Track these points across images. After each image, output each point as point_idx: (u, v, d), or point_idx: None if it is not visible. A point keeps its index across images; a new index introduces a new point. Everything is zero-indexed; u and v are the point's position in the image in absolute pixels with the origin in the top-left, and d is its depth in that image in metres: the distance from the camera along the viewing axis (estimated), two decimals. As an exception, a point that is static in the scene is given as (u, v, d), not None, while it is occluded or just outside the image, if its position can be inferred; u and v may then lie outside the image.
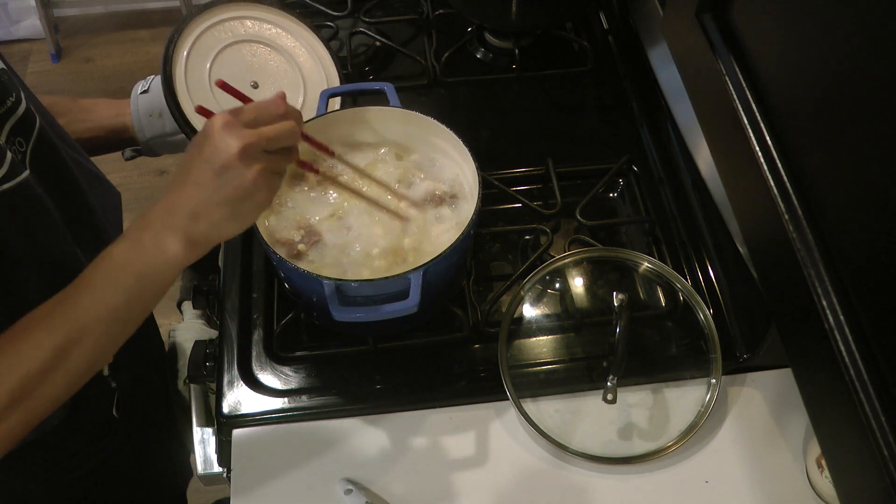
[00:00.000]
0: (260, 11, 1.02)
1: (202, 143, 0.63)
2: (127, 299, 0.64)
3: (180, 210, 0.63)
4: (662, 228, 0.98)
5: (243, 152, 0.62)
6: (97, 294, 0.63)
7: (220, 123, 0.62)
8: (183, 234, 0.63)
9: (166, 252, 0.63)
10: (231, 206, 0.63)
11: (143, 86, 0.98)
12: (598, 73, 1.18)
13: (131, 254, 0.64)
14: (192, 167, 0.63)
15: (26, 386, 0.62)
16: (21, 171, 0.68)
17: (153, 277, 0.64)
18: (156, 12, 2.75)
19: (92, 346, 0.64)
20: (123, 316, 0.65)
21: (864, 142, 0.47)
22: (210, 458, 0.90)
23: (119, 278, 0.64)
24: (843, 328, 0.49)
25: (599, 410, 0.82)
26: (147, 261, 0.63)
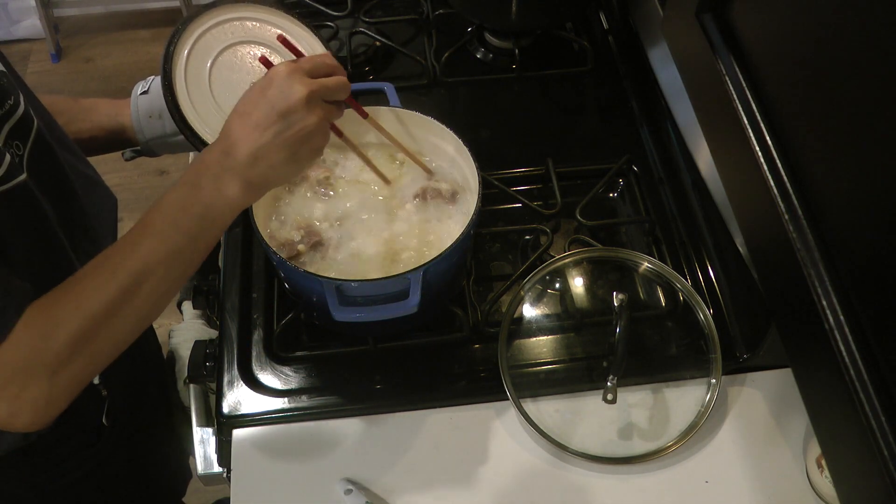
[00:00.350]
0: (260, 12, 1.02)
1: (266, 87, 0.66)
2: (188, 240, 0.66)
3: (240, 152, 0.65)
4: (662, 228, 0.98)
5: (309, 97, 0.65)
6: (158, 236, 0.65)
7: (287, 70, 0.66)
8: (242, 175, 0.66)
9: (226, 194, 0.66)
10: (290, 150, 0.66)
11: (142, 86, 0.98)
12: (598, 73, 1.18)
13: (191, 196, 0.66)
14: (253, 110, 0.66)
15: (90, 329, 0.63)
16: (19, 173, 0.68)
17: (213, 218, 0.67)
18: (156, 12, 2.75)
19: (154, 287, 0.65)
20: (184, 257, 0.67)
21: (864, 142, 0.47)
22: (210, 458, 0.90)
23: (179, 220, 0.65)
24: (843, 328, 0.49)
25: (599, 410, 0.82)
26: (207, 202, 0.66)
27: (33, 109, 0.76)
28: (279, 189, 0.88)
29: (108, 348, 0.66)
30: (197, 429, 0.93)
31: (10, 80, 0.73)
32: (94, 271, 0.65)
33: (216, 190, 0.66)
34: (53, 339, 0.62)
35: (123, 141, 0.99)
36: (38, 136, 0.74)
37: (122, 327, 0.66)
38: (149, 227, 0.66)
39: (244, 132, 0.65)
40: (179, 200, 0.66)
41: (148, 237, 0.65)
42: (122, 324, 0.65)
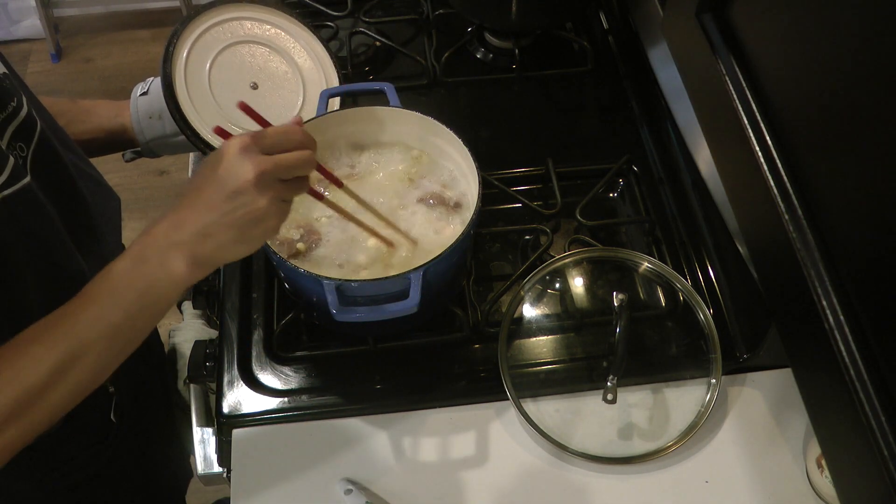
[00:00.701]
0: (259, 12, 1.02)
1: (216, 163, 0.63)
2: (129, 316, 0.63)
3: (187, 228, 0.63)
4: (662, 228, 0.98)
5: (258, 179, 0.62)
6: (98, 311, 0.62)
7: (238, 147, 0.62)
8: (188, 252, 0.63)
9: (170, 270, 0.63)
10: (240, 230, 0.63)
11: (142, 87, 0.98)
12: (598, 73, 1.18)
13: (134, 270, 0.63)
14: (204, 186, 0.63)
15: (25, 401, 0.61)
16: (23, 176, 0.68)
17: (156, 295, 0.64)
18: (156, 12, 2.75)
19: (93, 363, 0.63)
20: (125, 333, 0.65)
21: (864, 142, 0.47)
22: (210, 458, 0.90)
23: (121, 295, 0.63)
24: (843, 328, 0.49)
25: (599, 410, 0.82)
26: (150, 278, 0.63)
27: (36, 111, 0.75)
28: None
29: (44, 418, 0.64)
30: (197, 429, 0.93)
31: (13, 82, 0.73)
32: (34, 340, 0.62)
33: (160, 265, 0.63)
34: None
35: (124, 142, 0.99)
36: (42, 138, 0.74)
37: (58, 399, 0.63)
38: (90, 300, 0.63)
39: (193, 208, 0.63)
40: (124, 274, 0.63)
41: (88, 310, 0.63)
42: (58, 396, 0.63)
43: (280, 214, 0.65)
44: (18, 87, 0.74)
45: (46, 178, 0.73)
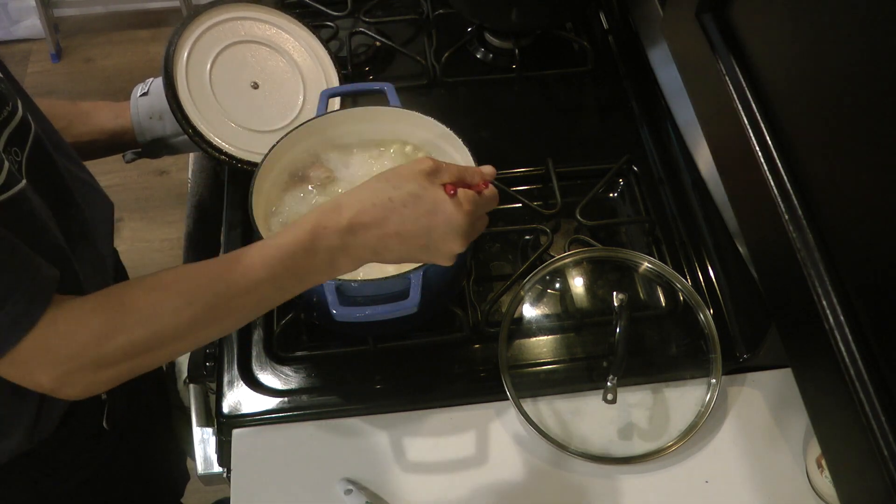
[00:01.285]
0: (259, 12, 1.02)
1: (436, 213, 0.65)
2: (280, 291, 0.66)
3: (368, 240, 0.64)
4: (662, 228, 0.98)
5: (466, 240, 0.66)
6: (252, 282, 0.64)
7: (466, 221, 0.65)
8: (357, 257, 0.66)
9: (336, 268, 0.66)
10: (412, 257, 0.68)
11: (142, 88, 0.98)
12: (598, 73, 1.18)
13: (299, 257, 0.64)
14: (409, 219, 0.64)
15: (150, 344, 0.62)
16: (18, 180, 0.68)
17: (313, 280, 0.67)
18: (156, 12, 2.75)
19: (230, 323, 0.67)
20: (271, 302, 0.68)
21: (864, 141, 0.47)
22: (210, 458, 0.90)
23: (280, 276, 0.64)
24: (843, 328, 0.49)
25: (599, 410, 0.82)
26: (313, 269, 0.65)
27: (31, 114, 0.75)
28: (279, 189, 0.88)
29: (159, 360, 0.66)
30: (197, 429, 0.93)
31: (8, 86, 0.73)
32: (177, 288, 0.64)
33: (328, 262, 0.65)
34: (111, 342, 0.61)
35: (124, 143, 0.99)
36: (36, 142, 0.74)
37: (179, 348, 0.66)
38: (244, 267, 0.64)
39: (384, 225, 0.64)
40: (287, 256, 0.64)
41: (240, 276, 0.64)
42: (180, 345, 0.65)
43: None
44: (14, 90, 0.74)
45: (41, 182, 0.73)
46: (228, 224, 0.99)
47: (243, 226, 0.98)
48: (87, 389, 0.64)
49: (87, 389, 0.64)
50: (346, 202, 0.65)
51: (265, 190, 0.85)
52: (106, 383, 0.64)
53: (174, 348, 0.66)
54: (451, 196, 0.65)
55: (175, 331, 0.63)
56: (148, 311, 0.62)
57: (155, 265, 2.05)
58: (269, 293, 0.65)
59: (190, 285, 0.64)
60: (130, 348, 0.62)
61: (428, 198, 0.64)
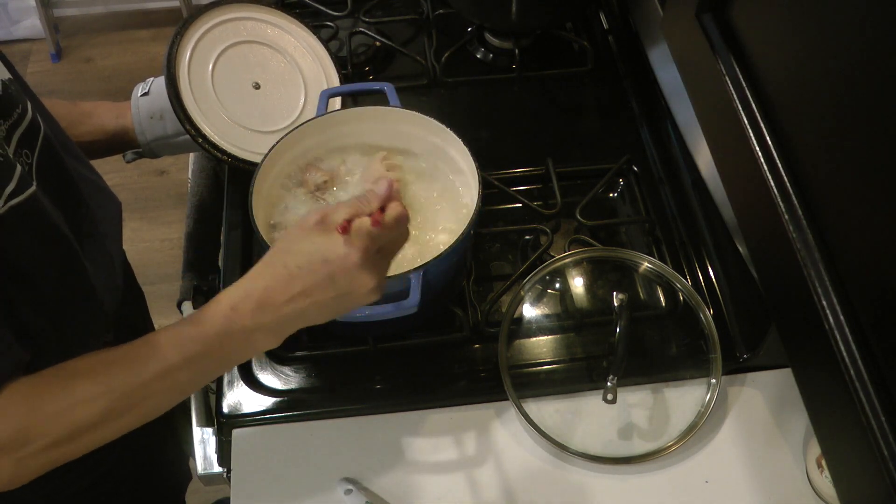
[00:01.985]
0: (260, 12, 1.02)
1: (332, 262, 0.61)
2: (204, 377, 0.65)
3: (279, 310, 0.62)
4: (662, 228, 0.98)
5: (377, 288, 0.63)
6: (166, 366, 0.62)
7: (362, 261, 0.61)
8: (277, 332, 0.64)
9: (256, 346, 0.64)
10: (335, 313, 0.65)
11: (142, 88, 0.98)
12: (598, 73, 1.18)
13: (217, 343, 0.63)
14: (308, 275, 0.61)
15: (70, 436, 0.62)
16: (29, 184, 0.68)
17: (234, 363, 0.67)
18: (156, 12, 2.75)
19: (145, 412, 0.64)
20: (190, 388, 0.66)
21: (864, 141, 0.47)
22: (210, 458, 0.90)
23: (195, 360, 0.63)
24: (843, 328, 0.49)
25: (599, 410, 0.82)
26: (232, 351, 0.64)
27: (40, 115, 0.75)
28: (279, 192, 0.88)
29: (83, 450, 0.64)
30: (197, 429, 0.93)
31: (18, 88, 0.73)
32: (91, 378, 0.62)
33: (246, 343, 0.63)
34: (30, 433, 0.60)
35: (125, 143, 0.99)
36: (45, 144, 0.74)
37: (101, 436, 0.64)
38: (159, 355, 0.62)
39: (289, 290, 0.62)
40: (202, 340, 0.63)
41: (155, 364, 0.62)
42: (102, 434, 0.64)
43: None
44: (23, 92, 0.74)
45: (51, 184, 0.73)
46: (228, 224, 0.99)
47: (243, 226, 0.98)
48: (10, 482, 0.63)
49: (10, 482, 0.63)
50: (250, 285, 0.63)
51: (265, 190, 0.85)
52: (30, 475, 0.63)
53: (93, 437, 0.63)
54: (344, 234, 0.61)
55: (90, 421, 0.61)
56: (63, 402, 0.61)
57: (155, 265, 2.05)
58: (187, 377, 0.63)
59: (103, 373, 0.62)
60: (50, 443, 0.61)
61: (318, 250, 0.62)
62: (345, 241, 0.61)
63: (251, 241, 0.97)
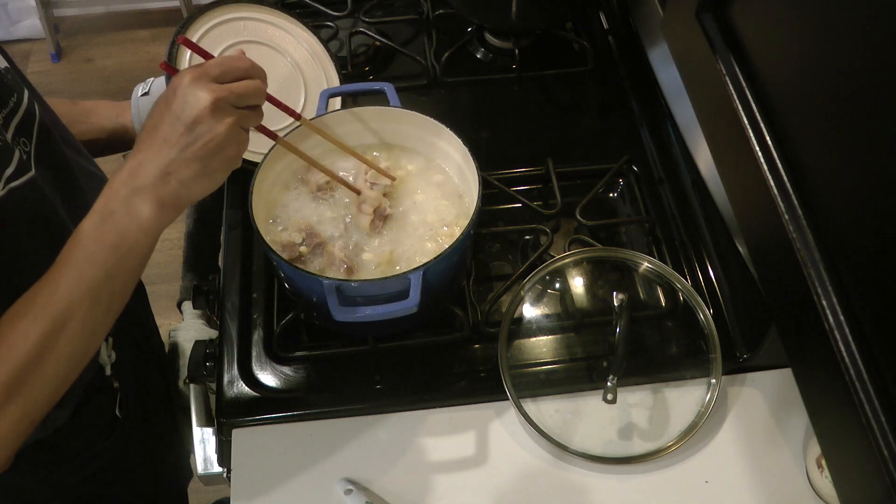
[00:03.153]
0: (260, 12, 1.02)
1: (170, 98, 0.62)
2: (107, 272, 0.62)
3: (148, 171, 0.62)
4: (662, 228, 0.98)
5: (215, 106, 0.62)
6: (76, 273, 0.62)
7: (189, 78, 0.62)
8: (152, 195, 0.62)
9: (138, 217, 0.62)
10: (202, 163, 0.63)
11: (143, 88, 0.99)
12: (598, 73, 1.18)
13: (103, 226, 0.62)
14: (159, 125, 0.63)
15: (20, 376, 0.60)
16: (28, 170, 0.68)
17: (129, 245, 0.63)
18: (156, 12, 2.75)
19: (80, 327, 0.62)
20: (106, 292, 0.63)
21: (864, 141, 0.47)
22: (210, 458, 0.90)
23: (95, 253, 0.62)
24: (843, 328, 0.49)
25: (599, 410, 0.82)
26: (120, 230, 0.62)
27: (37, 105, 0.76)
28: (279, 192, 0.88)
29: (43, 392, 0.63)
30: (197, 429, 0.93)
31: (15, 77, 0.74)
32: (18, 316, 0.62)
33: (127, 214, 0.62)
34: None
35: (125, 143, 0.99)
36: (43, 133, 0.75)
37: (52, 370, 0.63)
38: (66, 265, 0.62)
39: (151, 149, 0.62)
40: (92, 231, 0.62)
41: (65, 275, 0.62)
42: (52, 366, 0.62)
43: (240, 143, 0.65)
44: (20, 81, 0.75)
45: (49, 171, 0.74)
46: (228, 224, 0.99)
47: (243, 226, 0.98)
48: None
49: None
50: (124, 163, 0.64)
51: (265, 190, 0.85)
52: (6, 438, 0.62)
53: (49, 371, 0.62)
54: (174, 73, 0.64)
55: (34, 353, 0.61)
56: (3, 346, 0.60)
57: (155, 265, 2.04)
58: (96, 276, 0.62)
59: (27, 306, 0.62)
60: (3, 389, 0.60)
61: (161, 98, 0.64)
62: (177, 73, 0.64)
63: (251, 241, 0.97)
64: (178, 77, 0.63)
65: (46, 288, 0.62)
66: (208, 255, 1.05)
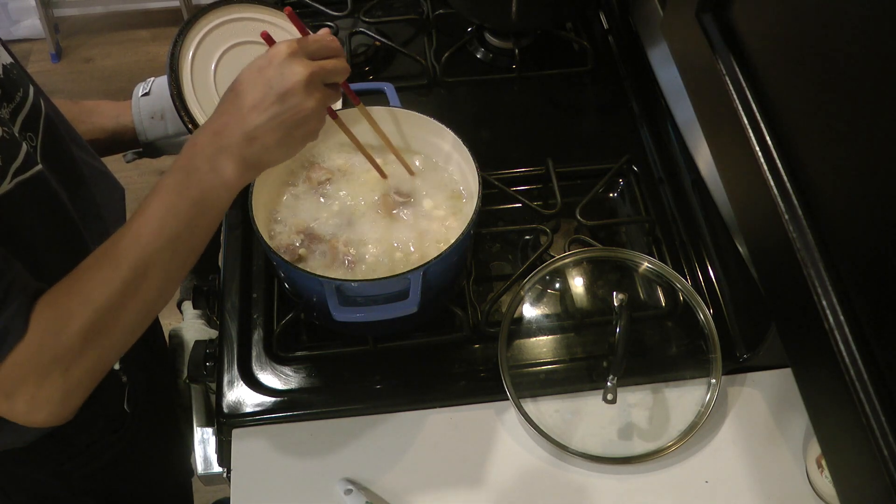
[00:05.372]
0: (260, 12, 1.02)
1: (265, 66, 0.65)
2: (188, 225, 0.65)
3: (234, 132, 0.65)
4: (662, 228, 0.98)
5: (309, 80, 0.64)
6: (158, 224, 0.64)
7: (288, 51, 0.64)
8: (237, 155, 0.65)
9: (221, 174, 0.65)
10: (286, 132, 0.65)
11: (143, 88, 0.99)
12: (598, 73, 1.18)
13: (186, 180, 0.65)
14: (250, 90, 0.65)
15: (98, 321, 0.63)
16: (34, 164, 0.69)
17: (210, 202, 0.66)
18: (156, 12, 2.75)
19: (158, 277, 0.65)
20: (185, 242, 0.66)
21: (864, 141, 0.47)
22: (210, 458, 0.90)
23: (177, 206, 0.65)
24: (843, 328, 0.49)
25: (599, 410, 0.82)
26: (203, 185, 0.65)
27: (42, 100, 0.76)
28: (279, 189, 0.88)
29: (119, 339, 0.66)
30: (197, 429, 0.93)
31: (20, 72, 0.74)
32: (98, 263, 0.64)
33: (212, 171, 0.65)
34: (64, 335, 0.62)
35: (125, 142, 0.99)
36: (49, 128, 0.75)
37: (130, 317, 0.66)
38: (147, 216, 0.65)
39: (239, 112, 0.65)
40: (175, 185, 0.65)
41: (147, 226, 0.65)
42: (130, 314, 0.65)
43: (321, 118, 0.68)
44: (25, 77, 0.75)
45: (55, 165, 0.75)
46: (228, 224, 0.99)
47: (243, 226, 0.98)
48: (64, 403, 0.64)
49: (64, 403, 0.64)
50: (208, 124, 0.67)
51: (265, 190, 0.85)
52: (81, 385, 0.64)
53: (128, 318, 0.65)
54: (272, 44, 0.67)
55: (115, 299, 0.63)
56: (82, 292, 0.63)
57: (155, 265, 2.05)
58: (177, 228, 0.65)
59: (108, 254, 0.64)
60: (84, 334, 0.62)
61: (254, 65, 0.66)
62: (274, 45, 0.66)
63: (251, 241, 0.97)
64: (275, 48, 0.65)
65: (127, 237, 0.64)
66: (208, 255, 1.05)
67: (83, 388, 0.65)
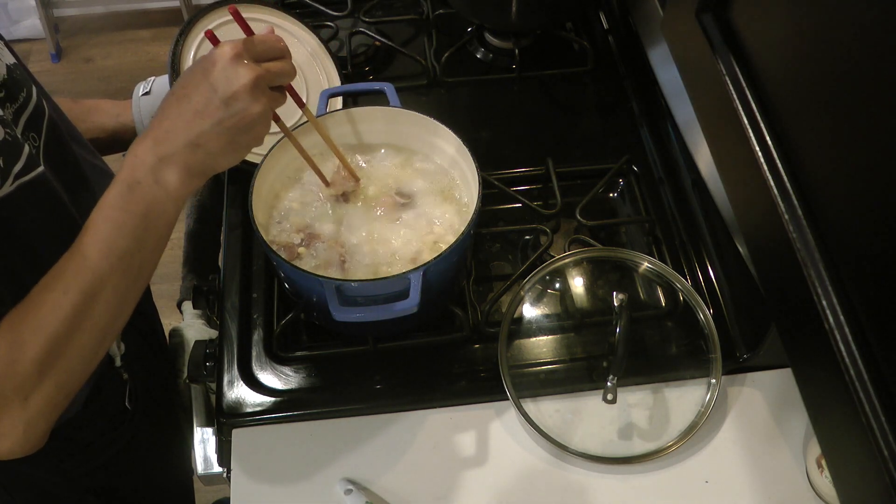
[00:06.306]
0: (260, 12, 1.02)
1: (209, 68, 0.62)
2: (137, 241, 0.63)
3: (177, 139, 0.62)
4: (662, 228, 0.98)
5: (254, 84, 0.62)
6: (105, 243, 0.62)
7: (233, 52, 0.62)
8: (180, 164, 0.63)
9: (166, 186, 0.63)
10: (231, 137, 0.63)
11: (144, 87, 0.99)
12: (598, 73, 1.18)
13: (130, 195, 0.63)
14: (193, 94, 0.62)
15: (52, 349, 0.61)
16: (36, 165, 0.69)
17: (156, 214, 0.63)
18: (156, 12, 2.75)
19: (110, 298, 0.63)
20: (136, 261, 0.64)
21: (864, 141, 0.47)
22: (210, 458, 0.90)
23: (123, 222, 0.62)
24: (843, 328, 0.49)
25: (599, 410, 0.82)
26: (147, 199, 0.63)
27: (45, 100, 0.76)
28: (279, 189, 0.88)
29: (77, 364, 0.64)
30: (197, 428, 0.93)
31: (23, 73, 0.74)
32: (48, 288, 0.62)
33: (155, 183, 0.62)
34: (19, 364, 0.60)
35: (125, 142, 0.99)
36: (51, 129, 0.75)
37: (85, 341, 0.63)
38: (93, 235, 0.63)
39: (182, 118, 0.62)
40: (119, 201, 0.63)
41: (93, 246, 0.62)
42: (85, 337, 0.63)
43: (267, 123, 0.66)
44: (28, 77, 0.75)
45: (57, 166, 0.74)
46: (228, 224, 0.99)
47: (243, 226, 0.98)
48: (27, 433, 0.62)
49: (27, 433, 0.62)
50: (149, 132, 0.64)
51: (265, 190, 0.85)
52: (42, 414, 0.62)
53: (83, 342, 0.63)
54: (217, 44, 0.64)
55: (67, 324, 0.61)
56: (33, 320, 0.61)
57: (155, 265, 2.05)
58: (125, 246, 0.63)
59: (57, 278, 0.62)
60: (38, 362, 0.60)
61: (197, 68, 0.63)
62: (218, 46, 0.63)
63: (251, 241, 0.97)
64: (219, 49, 0.63)
65: (75, 260, 0.62)
66: (208, 255, 1.05)
67: (45, 418, 0.63)
